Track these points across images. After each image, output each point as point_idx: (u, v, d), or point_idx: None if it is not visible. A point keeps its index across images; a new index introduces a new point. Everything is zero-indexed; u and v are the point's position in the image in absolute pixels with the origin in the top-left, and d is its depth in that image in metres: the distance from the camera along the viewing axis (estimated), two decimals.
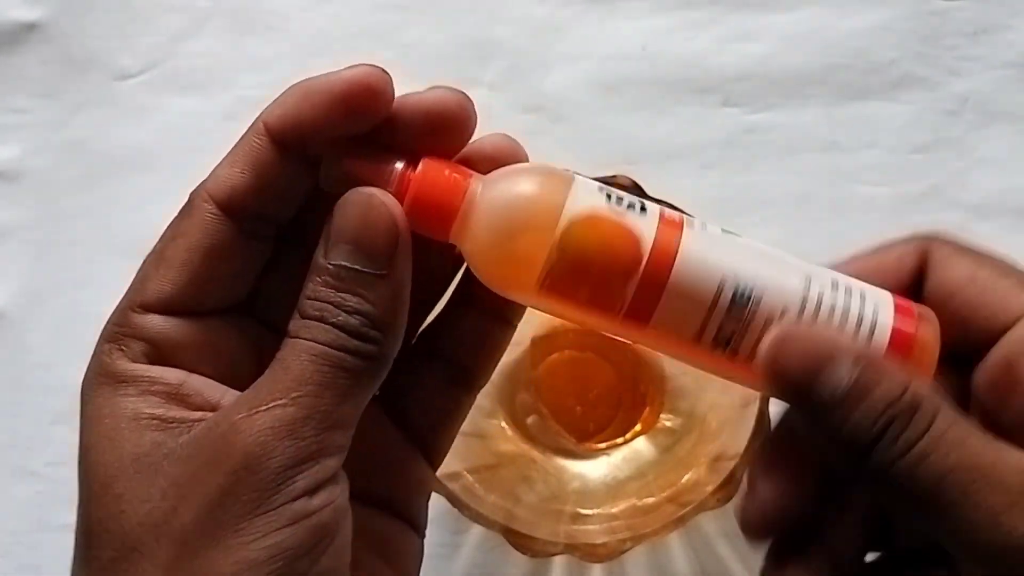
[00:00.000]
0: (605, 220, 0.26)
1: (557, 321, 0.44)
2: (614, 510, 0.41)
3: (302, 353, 0.25)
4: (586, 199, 0.26)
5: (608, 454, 0.44)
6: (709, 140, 0.49)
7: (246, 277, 0.28)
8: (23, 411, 0.47)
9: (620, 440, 0.44)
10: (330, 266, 0.25)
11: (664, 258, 0.26)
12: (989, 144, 0.48)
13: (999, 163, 0.48)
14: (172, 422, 0.25)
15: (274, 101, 0.27)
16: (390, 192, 0.26)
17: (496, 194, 0.26)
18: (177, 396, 0.26)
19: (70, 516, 0.47)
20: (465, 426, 0.30)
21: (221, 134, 0.50)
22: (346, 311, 0.25)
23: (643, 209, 0.27)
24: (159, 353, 0.26)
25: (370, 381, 0.25)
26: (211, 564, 0.24)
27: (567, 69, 0.50)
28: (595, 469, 0.44)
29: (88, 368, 0.27)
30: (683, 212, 0.38)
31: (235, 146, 0.28)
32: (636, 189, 0.39)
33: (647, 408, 0.44)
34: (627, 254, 0.26)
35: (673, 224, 0.27)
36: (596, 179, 0.34)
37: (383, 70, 0.27)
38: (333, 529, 0.25)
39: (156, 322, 0.27)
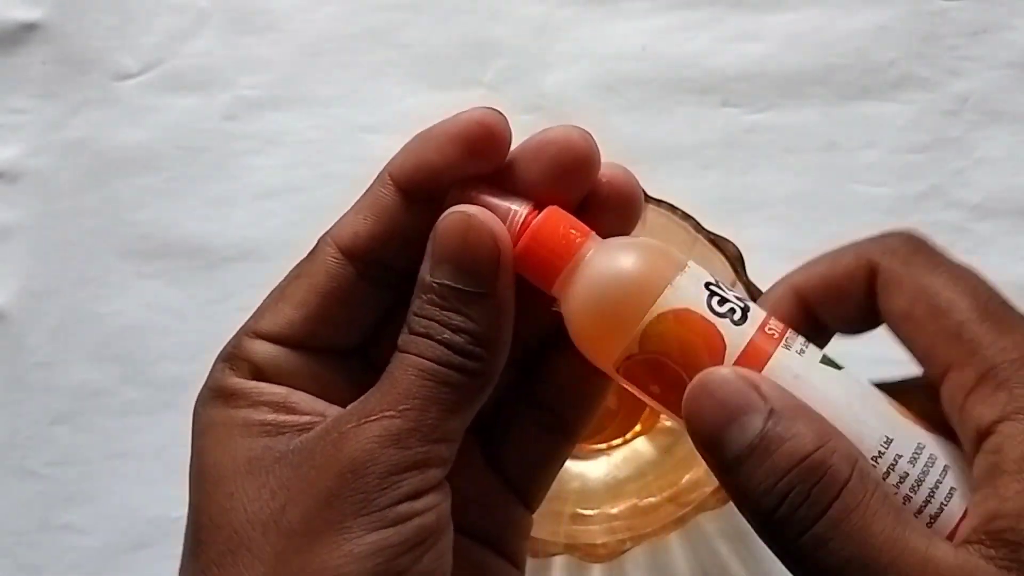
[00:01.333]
0: (694, 319, 0.25)
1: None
2: (614, 510, 0.41)
3: (410, 368, 0.25)
4: (685, 292, 0.25)
5: (608, 454, 0.44)
6: (709, 140, 0.49)
7: (363, 321, 0.28)
8: (23, 411, 0.47)
9: (619, 440, 0.44)
10: (435, 284, 0.26)
11: None
12: (989, 144, 0.48)
13: (999, 163, 0.48)
14: (283, 427, 0.26)
15: (398, 152, 0.28)
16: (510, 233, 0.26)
17: (602, 264, 0.26)
18: (285, 406, 0.27)
19: (70, 516, 0.47)
20: None
21: (221, 134, 0.51)
22: (451, 329, 0.26)
23: (744, 316, 0.25)
24: (265, 376, 0.27)
25: (474, 397, 0.26)
26: (316, 558, 0.24)
27: (567, 69, 0.50)
28: (595, 469, 0.44)
29: (202, 387, 0.28)
30: (685, 213, 0.38)
31: (362, 196, 0.28)
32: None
33: (647, 408, 0.44)
34: (707, 360, 0.25)
35: (770, 340, 0.25)
36: None
37: (498, 112, 0.28)
38: (436, 531, 0.25)
39: (266, 348, 0.27)
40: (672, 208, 0.39)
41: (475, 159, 0.27)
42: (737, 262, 0.38)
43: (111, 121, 0.51)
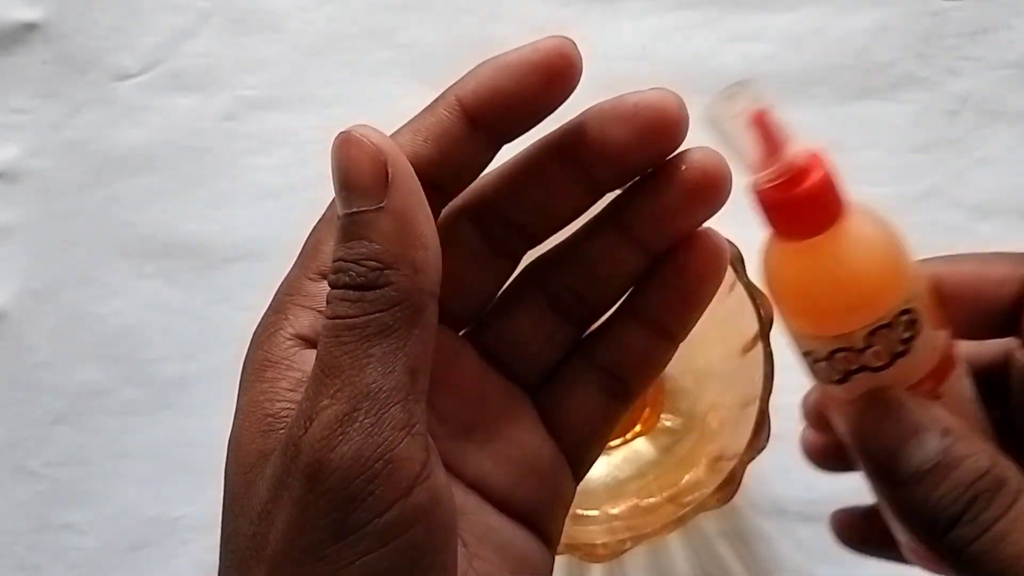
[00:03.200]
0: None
1: None
2: (614, 510, 0.41)
3: (328, 338, 0.23)
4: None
5: (608, 454, 0.44)
6: (709, 140, 0.49)
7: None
8: (23, 411, 0.47)
9: (619, 441, 0.44)
10: (339, 220, 0.24)
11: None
12: (989, 144, 0.48)
13: (999, 163, 0.48)
14: (271, 428, 0.24)
15: (465, 76, 0.27)
16: (781, 175, 0.25)
17: (885, 229, 0.27)
18: (302, 385, 0.24)
19: (70, 516, 0.47)
20: None
21: (221, 134, 0.51)
22: (355, 262, 0.23)
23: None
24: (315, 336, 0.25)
25: (408, 329, 0.23)
26: None
27: None
28: (595, 469, 0.43)
29: (252, 338, 0.25)
30: None
31: (420, 116, 0.27)
32: None
33: (647, 408, 0.44)
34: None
35: (953, 356, 0.27)
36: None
37: (571, 41, 0.26)
38: (429, 547, 0.23)
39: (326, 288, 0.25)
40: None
41: (553, 91, 0.26)
42: (737, 262, 0.38)
43: (111, 121, 0.51)
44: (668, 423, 0.44)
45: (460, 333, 0.28)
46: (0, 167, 0.50)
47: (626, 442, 0.44)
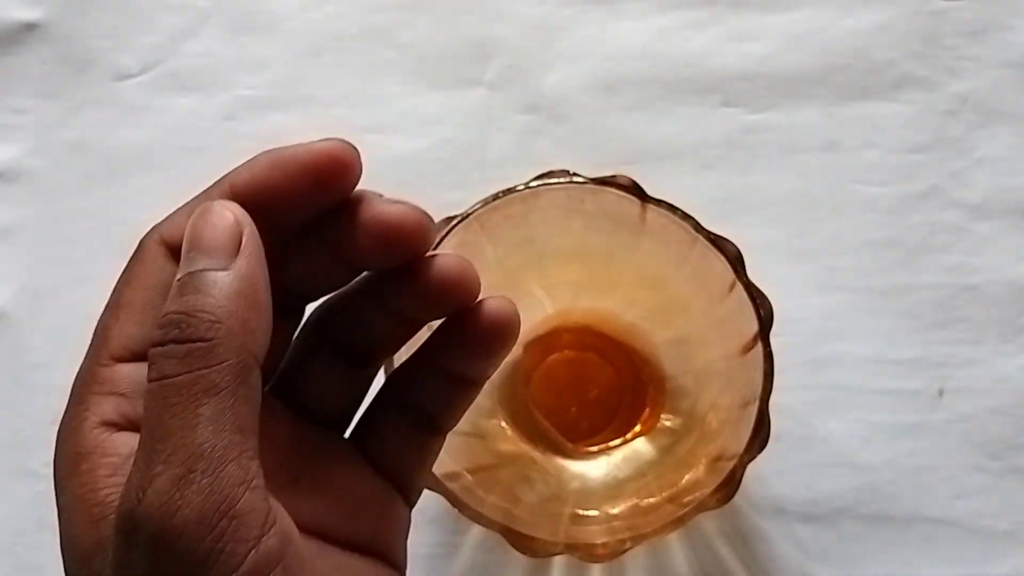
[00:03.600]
0: None
1: (556, 321, 0.44)
2: (614, 510, 0.41)
3: (154, 402, 0.22)
4: None
5: (608, 454, 0.44)
6: (709, 140, 0.49)
7: None
8: (23, 411, 0.47)
9: (618, 442, 0.44)
10: (176, 281, 0.24)
11: None
12: (989, 144, 0.48)
13: (999, 163, 0.48)
14: (101, 516, 0.23)
15: (242, 165, 0.27)
16: None
17: None
18: (122, 468, 0.24)
19: None
20: (465, 426, 0.30)
21: (221, 134, 0.51)
22: (188, 313, 0.23)
23: None
24: (134, 407, 0.25)
25: (235, 388, 0.23)
26: None
27: (567, 69, 0.50)
28: (595, 469, 0.44)
29: (57, 436, 0.25)
30: (685, 213, 0.38)
31: (195, 200, 0.27)
32: (636, 189, 0.39)
33: (647, 408, 0.44)
34: None
35: None
36: (594, 179, 0.34)
37: (352, 146, 0.27)
38: None
39: (127, 372, 0.25)
40: (672, 208, 0.39)
41: (321, 192, 0.26)
42: (737, 262, 0.38)
43: (111, 121, 0.51)
44: (668, 423, 0.44)
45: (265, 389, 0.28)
46: (0, 167, 0.50)
47: (626, 442, 0.44)
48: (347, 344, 0.28)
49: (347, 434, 0.29)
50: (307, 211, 0.27)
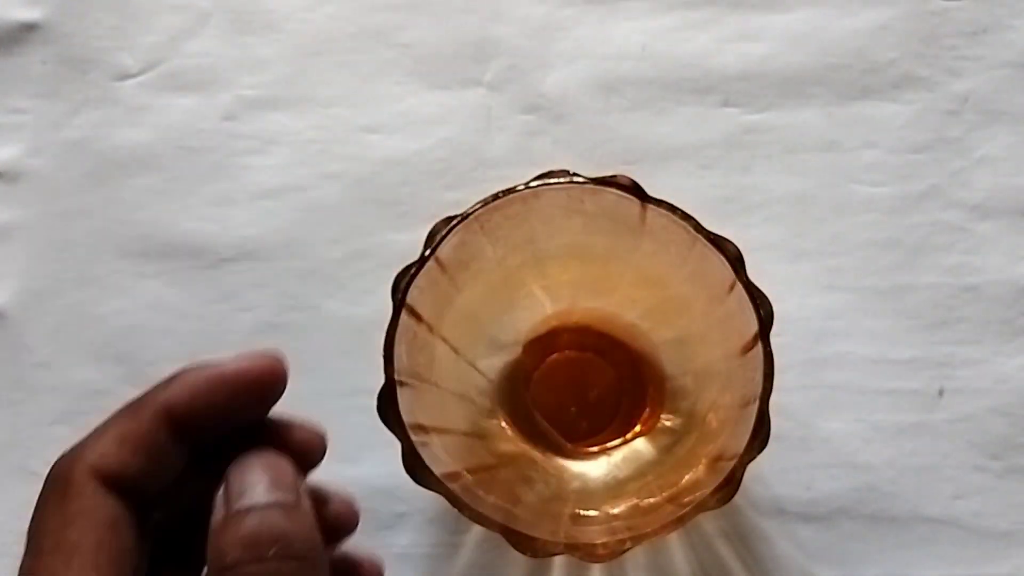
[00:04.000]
0: None
1: (556, 321, 0.44)
2: (614, 510, 0.41)
3: None
4: None
5: (608, 454, 0.44)
6: (709, 140, 0.49)
7: (139, 561, 0.26)
8: (23, 411, 0.47)
9: (618, 442, 0.44)
10: (242, 509, 0.24)
11: None
12: (989, 144, 0.48)
13: (999, 163, 0.48)
14: None
15: (174, 384, 0.27)
16: None
17: None
18: None
19: None
20: (465, 426, 0.30)
21: (221, 134, 0.50)
22: (285, 535, 0.24)
23: None
24: None
25: None
26: None
27: (567, 69, 0.50)
28: (595, 469, 0.44)
29: None
30: (685, 213, 0.38)
31: (122, 419, 0.27)
32: (636, 189, 0.39)
33: (647, 409, 0.44)
34: None
35: None
36: (594, 179, 0.33)
37: (281, 358, 0.27)
38: None
39: None
40: (672, 208, 0.38)
41: (261, 405, 0.27)
42: (737, 262, 0.38)
43: (111, 121, 0.51)
44: (668, 423, 0.44)
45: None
46: (0, 167, 0.50)
47: (626, 442, 0.44)
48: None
49: None
50: (238, 425, 0.27)
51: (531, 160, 0.47)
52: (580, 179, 0.39)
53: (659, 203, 0.38)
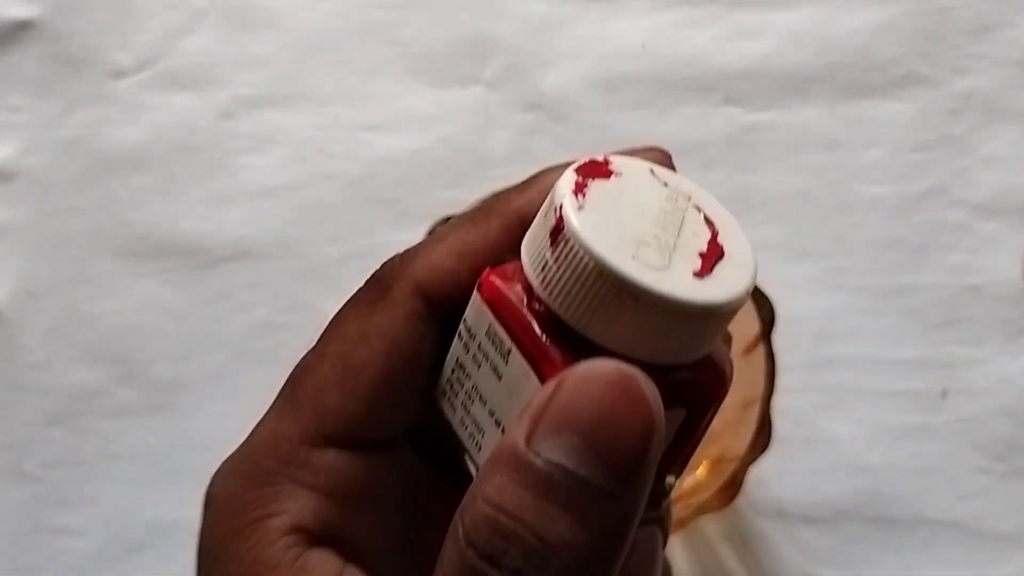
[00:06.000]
0: None
1: None
2: None
3: None
4: None
5: None
6: (710, 139, 0.48)
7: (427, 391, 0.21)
8: (18, 412, 0.47)
9: None
10: (537, 462, 0.17)
11: None
12: (992, 142, 0.48)
13: (1002, 161, 0.47)
14: None
15: (531, 188, 0.21)
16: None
17: None
18: None
19: (65, 518, 0.47)
20: None
21: (217, 132, 0.50)
22: (545, 542, 0.16)
23: None
24: (337, 513, 0.20)
25: None
26: None
27: (567, 67, 0.50)
28: None
29: (214, 504, 0.20)
30: None
31: (462, 228, 0.21)
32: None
33: None
34: None
35: None
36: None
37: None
38: None
39: (339, 463, 0.19)
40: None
41: None
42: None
43: (107, 119, 0.50)
44: None
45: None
46: None
47: None
48: None
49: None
50: None
51: (531, 159, 0.47)
52: None
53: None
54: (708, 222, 0.21)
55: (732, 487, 0.36)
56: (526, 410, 0.17)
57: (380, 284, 0.21)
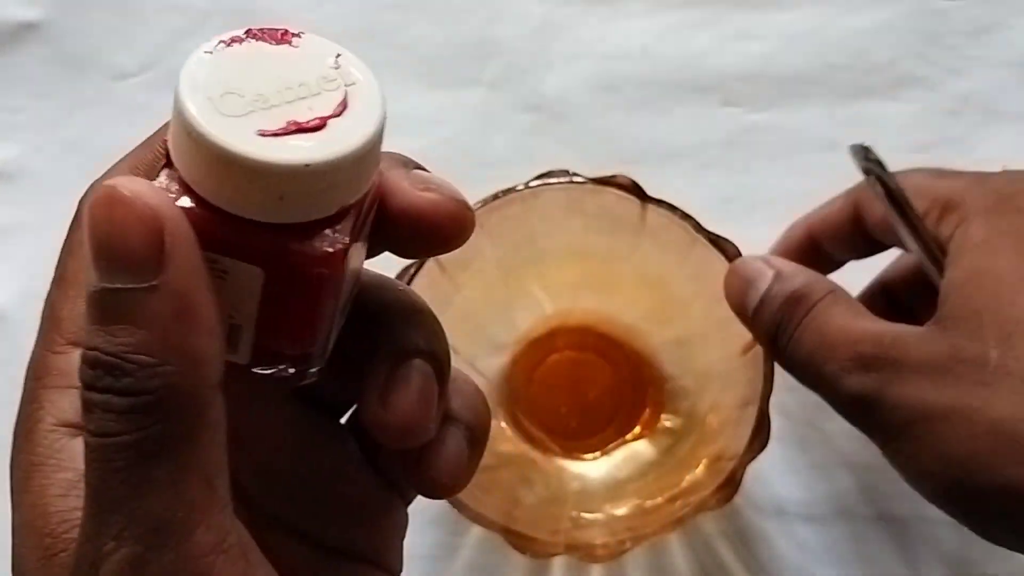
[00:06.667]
0: None
1: (555, 322, 0.44)
2: (614, 511, 0.41)
3: (97, 462, 0.19)
4: None
5: (608, 455, 0.44)
6: (709, 140, 0.49)
7: None
8: None
9: (618, 442, 0.44)
10: (92, 293, 0.19)
11: None
12: (990, 144, 0.48)
13: (1000, 163, 0.47)
14: (52, 551, 0.20)
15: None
16: None
17: None
18: (76, 487, 0.21)
19: None
20: None
21: None
22: (119, 356, 0.19)
23: None
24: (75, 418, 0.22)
25: (194, 436, 0.19)
26: None
27: (566, 68, 0.50)
28: (595, 470, 0.44)
29: (13, 438, 0.22)
30: (685, 213, 0.38)
31: (137, 148, 0.25)
32: (636, 189, 0.38)
33: (647, 409, 0.44)
34: None
35: None
36: (593, 179, 0.33)
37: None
38: None
39: (77, 360, 0.21)
40: (672, 208, 0.38)
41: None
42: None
43: (109, 121, 0.50)
44: (668, 424, 0.44)
45: None
46: None
47: (626, 443, 0.44)
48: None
49: (343, 420, 0.26)
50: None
51: (531, 160, 0.47)
52: (580, 179, 0.39)
53: (659, 203, 0.38)
54: (343, 108, 0.21)
55: (730, 485, 0.37)
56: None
57: (80, 211, 0.24)
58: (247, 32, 0.21)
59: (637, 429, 0.44)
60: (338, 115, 0.21)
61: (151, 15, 0.51)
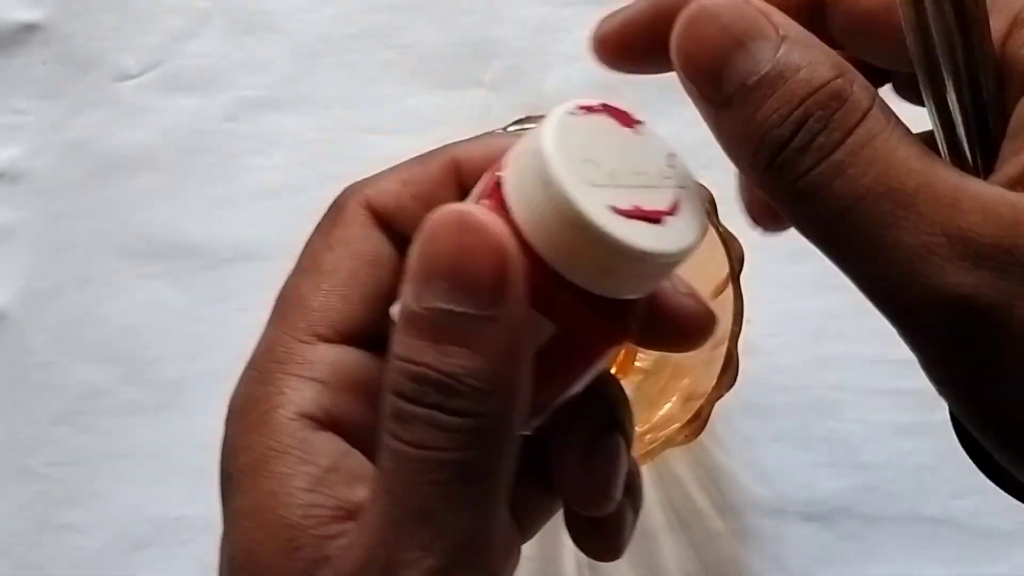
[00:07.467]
0: None
1: None
2: None
3: (409, 473, 0.19)
4: None
5: None
6: (709, 139, 0.48)
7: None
8: (25, 411, 0.47)
9: None
10: (424, 312, 0.19)
11: None
12: None
13: None
14: (295, 543, 0.20)
15: (472, 141, 0.25)
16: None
17: None
18: (322, 484, 0.21)
19: (71, 516, 0.47)
20: None
21: (221, 134, 0.51)
22: (454, 377, 0.19)
23: None
24: (335, 401, 0.22)
25: (504, 465, 0.20)
26: None
27: (567, 69, 0.50)
28: None
29: (233, 413, 0.22)
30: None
31: (408, 164, 0.25)
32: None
33: (622, 352, 0.44)
34: None
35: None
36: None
37: None
38: None
39: (330, 355, 0.22)
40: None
41: None
42: (738, 263, 0.38)
43: (112, 122, 0.51)
44: (639, 364, 0.44)
45: None
46: (1, 167, 0.50)
47: None
48: None
49: None
50: None
51: None
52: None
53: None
54: (674, 209, 0.22)
55: (697, 421, 0.37)
56: (405, 277, 0.20)
57: (336, 206, 0.24)
58: (603, 106, 0.23)
59: (612, 370, 0.44)
60: (671, 213, 0.22)
61: (153, 16, 0.52)
